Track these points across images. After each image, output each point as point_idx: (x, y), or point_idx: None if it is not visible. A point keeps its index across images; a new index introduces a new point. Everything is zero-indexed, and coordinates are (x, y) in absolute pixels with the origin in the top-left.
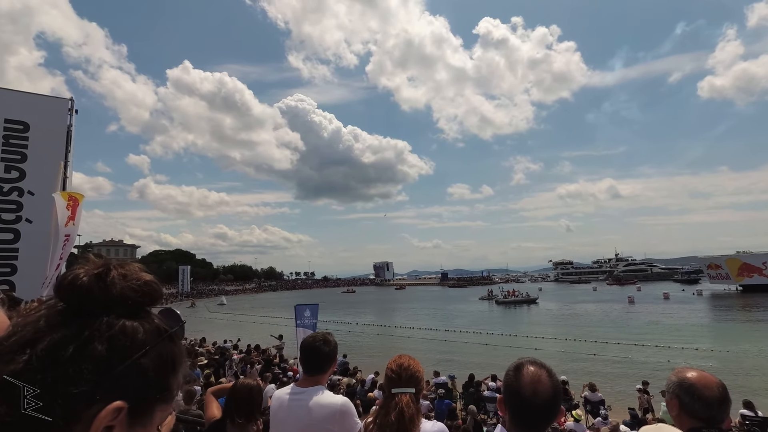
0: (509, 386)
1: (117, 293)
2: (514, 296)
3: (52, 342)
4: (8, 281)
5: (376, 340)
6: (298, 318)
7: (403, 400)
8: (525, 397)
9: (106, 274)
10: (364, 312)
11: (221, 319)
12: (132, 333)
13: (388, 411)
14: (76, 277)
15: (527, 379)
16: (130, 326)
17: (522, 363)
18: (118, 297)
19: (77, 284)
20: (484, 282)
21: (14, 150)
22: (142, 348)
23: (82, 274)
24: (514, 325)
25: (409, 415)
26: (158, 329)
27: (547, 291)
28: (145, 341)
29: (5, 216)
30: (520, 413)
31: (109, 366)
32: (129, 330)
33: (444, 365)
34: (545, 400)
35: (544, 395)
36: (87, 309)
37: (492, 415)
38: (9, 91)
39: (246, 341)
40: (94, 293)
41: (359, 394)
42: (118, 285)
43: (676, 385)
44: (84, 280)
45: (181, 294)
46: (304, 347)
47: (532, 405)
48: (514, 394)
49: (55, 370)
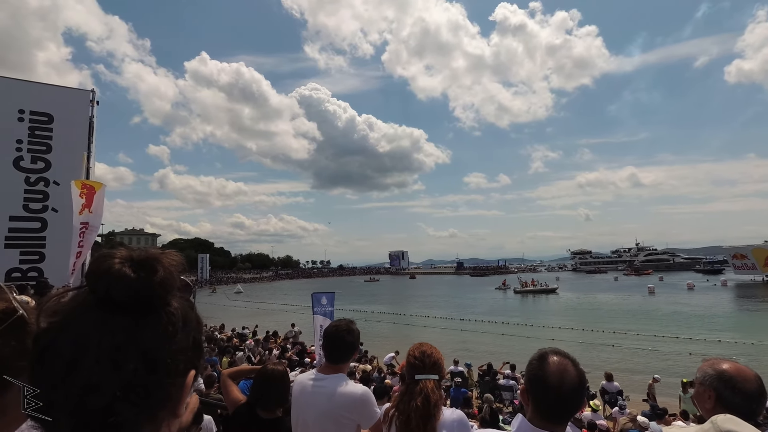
0: (534, 376)
1: (162, 280)
2: (533, 286)
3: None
4: (37, 268)
5: (392, 329)
6: (315, 306)
7: (428, 386)
8: (551, 386)
9: (148, 265)
10: (379, 300)
11: (239, 307)
12: (192, 311)
13: (412, 396)
14: (128, 274)
15: (553, 368)
16: (188, 305)
17: (546, 353)
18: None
19: (148, 277)
20: (500, 271)
21: (40, 141)
22: (200, 323)
23: (127, 271)
24: (531, 315)
25: (434, 401)
26: (190, 303)
27: (565, 280)
28: (198, 316)
29: (33, 205)
30: (545, 403)
31: (196, 341)
32: (189, 309)
33: (460, 354)
34: (572, 389)
35: (570, 384)
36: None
37: (508, 404)
38: (33, 84)
39: (264, 328)
40: (151, 283)
41: (375, 381)
42: (160, 272)
43: (714, 378)
44: (133, 275)
45: (201, 281)
46: (327, 336)
47: (558, 394)
48: (540, 383)
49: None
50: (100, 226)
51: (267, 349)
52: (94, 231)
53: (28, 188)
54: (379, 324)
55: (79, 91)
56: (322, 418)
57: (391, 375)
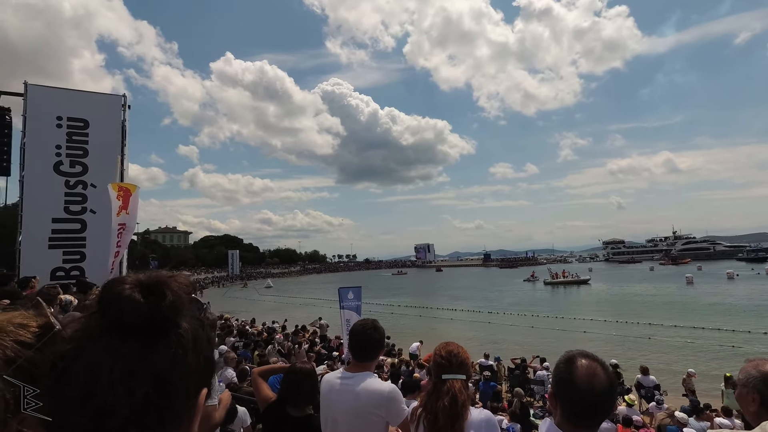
0: (561, 379)
1: (171, 304)
2: (564, 277)
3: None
4: (79, 267)
5: (418, 322)
6: (342, 300)
7: (455, 386)
8: (580, 390)
9: (157, 290)
10: (406, 293)
11: (269, 301)
12: (202, 330)
13: (439, 396)
14: (140, 301)
15: (582, 371)
16: (199, 324)
17: (573, 355)
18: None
19: (157, 304)
20: (529, 263)
21: (77, 146)
22: (212, 340)
23: (136, 296)
24: (562, 307)
25: (462, 400)
26: (200, 321)
27: (597, 271)
28: (209, 334)
29: (73, 207)
30: (573, 408)
31: (207, 360)
32: (200, 329)
33: (489, 348)
34: (601, 393)
35: (600, 388)
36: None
37: (539, 398)
38: (68, 91)
39: (293, 322)
40: (160, 309)
41: (404, 374)
42: (168, 296)
43: (758, 380)
44: (140, 300)
45: (231, 277)
46: (354, 334)
47: (587, 399)
48: (568, 387)
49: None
50: (135, 226)
51: (296, 343)
52: (130, 231)
53: (68, 191)
54: (405, 317)
55: (112, 97)
56: (350, 416)
57: (419, 368)
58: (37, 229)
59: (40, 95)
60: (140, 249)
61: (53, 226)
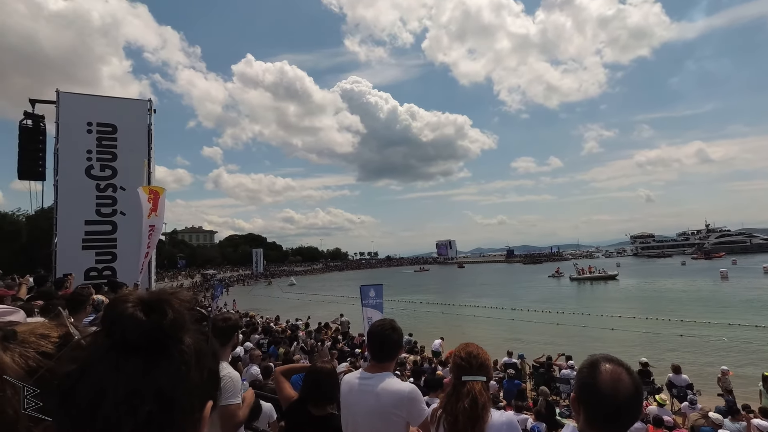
0: (585, 384)
1: (173, 321)
2: (590, 273)
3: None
4: (111, 267)
5: (441, 319)
6: (363, 298)
7: (475, 388)
8: (604, 395)
9: (159, 308)
10: (428, 290)
11: (292, 299)
12: (206, 344)
13: (459, 398)
14: (144, 321)
15: (606, 376)
16: (203, 338)
17: (597, 360)
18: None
19: (160, 323)
20: (553, 258)
21: (106, 150)
22: (216, 353)
23: (137, 314)
24: (589, 303)
25: (483, 403)
26: (204, 334)
27: (626, 266)
28: (213, 348)
29: (104, 210)
30: (597, 414)
31: (212, 373)
32: (203, 343)
33: (512, 345)
34: (626, 399)
35: (625, 394)
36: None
37: (564, 397)
38: (97, 97)
39: (315, 319)
40: (166, 327)
41: (426, 371)
42: (170, 314)
43: None
44: (142, 319)
45: (256, 275)
46: (372, 335)
47: (612, 405)
48: (591, 392)
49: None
50: (163, 226)
51: (319, 340)
52: (159, 232)
53: (99, 194)
54: (427, 314)
55: (138, 102)
56: (371, 417)
57: (442, 366)
58: (71, 231)
59: (72, 102)
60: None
61: (86, 228)
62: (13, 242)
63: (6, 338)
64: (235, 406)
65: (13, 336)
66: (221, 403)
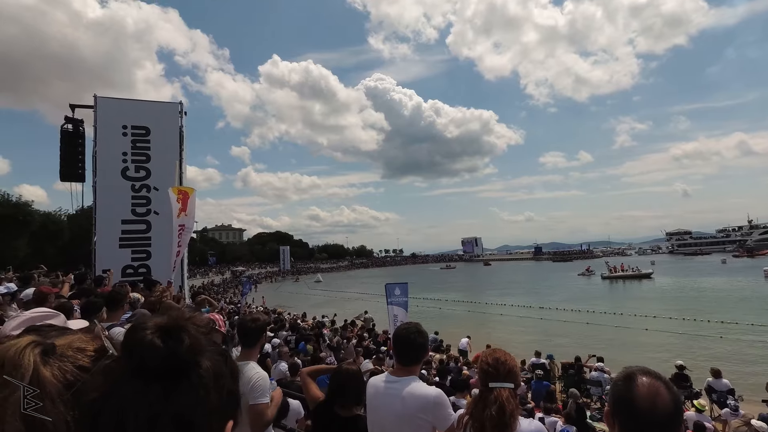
0: (619, 399)
1: (190, 347)
2: (623, 271)
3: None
4: (145, 265)
5: (467, 317)
6: (389, 296)
7: (503, 395)
8: (641, 411)
9: (175, 334)
10: (454, 288)
11: (319, 296)
12: (225, 364)
13: (486, 405)
14: (162, 347)
15: (643, 391)
16: (221, 359)
17: (632, 373)
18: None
19: (174, 349)
20: (583, 256)
21: (140, 152)
22: (236, 372)
23: (155, 340)
24: (621, 302)
25: (510, 411)
26: (224, 355)
27: (661, 264)
28: (232, 367)
29: (139, 210)
30: (634, 429)
31: (231, 393)
32: (222, 364)
33: (541, 345)
34: (666, 415)
35: (664, 410)
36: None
37: (596, 400)
38: (132, 101)
39: (341, 316)
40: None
41: (452, 371)
42: (186, 340)
43: None
44: (160, 345)
45: (283, 272)
46: (397, 338)
47: (650, 421)
48: (627, 407)
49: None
50: (193, 225)
51: (345, 337)
52: (189, 231)
53: (134, 194)
54: (453, 312)
55: (170, 104)
56: (397, 421)
57: (467, 366)
58: (108, 230)
59: (108, 106)
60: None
61: (122, 227)
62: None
63: (46, 353)
64: (264, 405)
65: (52, 350)
66: (250, 403)
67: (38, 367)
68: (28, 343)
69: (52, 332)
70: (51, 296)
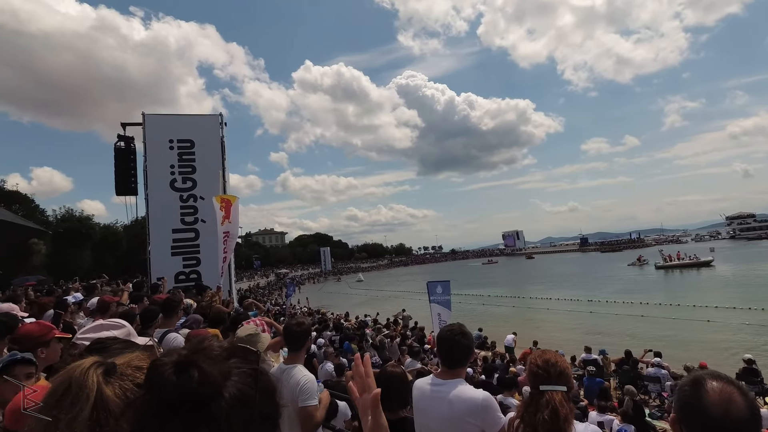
0: (688, 405)
1: (201, 380)
2: (679, 259)
3: None
4: (196, 271)
5: (512, 313)
6: (430, 294)
7: (555, 398)
8: (712, 418)
9: (185, 369)
10: (496, 284)
11: (360, 295)
12: (252, 388)
13: (538, 408)
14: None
15: (715, 397)
16: (248, 382)
17: (701, 377)
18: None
19: (197, 381)
20: (634, 245)
21: (186, 164)
22: (269, 391)
23: (196, 377)
24: (678, 293)
25: (564, 415)
26: (254, 376)
27: (721, 251)
28: (266, 386)
29: (187, 219)
30: None
31: (264, 415)
32: (249, 388)
33: (591, 340)
34: (741, 422)
35: (739, 418)
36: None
37: (654, 397)
38: (176, 116)
39: (383, 315)
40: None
41: (498, 368)
42: (195, 375)
43: None
44: (189, 380)
45: (324, 272)
46: (441, 341)
47: (724, 430)
48: (697, 414)
49: None
50: (238, 231)
51: (388, 336)
52: (234, 237)
53: (183, 204)
54: (498, 308)
55: (211, 117)
56: (445, 424)
57: (513, 363)
58: (161, 239)
59: (155, 122)
60: (244, 251)
61: (173, 236)
62: (115, 250)
63: (107, 373)
64: (313, 407)
65: (113, 370)
66: (299, 405)
67: (101, 386)
68: (92, 364)
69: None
70: (113, 305)
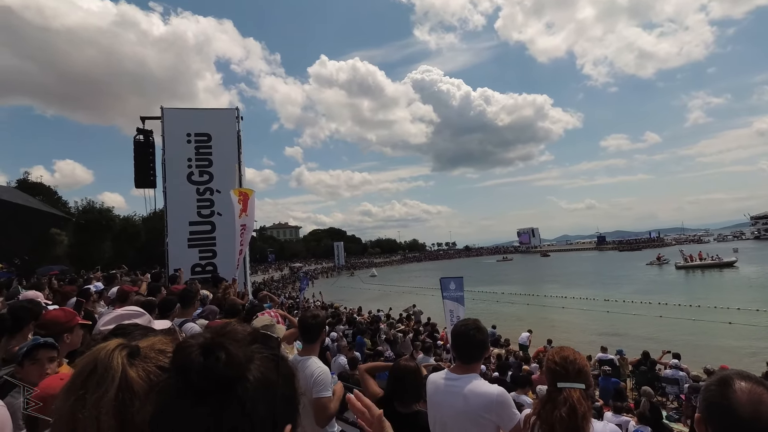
0: (714, 405)
1: (228, 362)
2: (701, 259)
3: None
4: (212, 263)
5: (526, 310)
6: (444, 290)
7: (573, 396)
8: (741, 419)
9: (213, 351)
10: (510, 281)
11: (373, 289)
12: (275, 372)
13: (555, 406)
14: (215, 366)
15: (743, 398)
16: (271, 365)
17: (729, 376)
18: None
19: (226, 364)
20: (653, 244)
21: (203, 157)
22: (291, 376)
23: (222, 360)
24: (699, 294)
25: (582, 413)
26: (276, 359)
27: (746, 252)
28: (287, 371)
29: (203, 211)
30: None
31: (286, 398)
32: (272, 372)
33: (607, 340)
34: None
35: None
36: None
37: (672, 399)
38: (194, 110)
39: (396, 310)
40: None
41: (512, 366)
42: (222, 357)
43: None
44: (217, 364)
45: (338, 267)
46: (456, 336)
47: (753, 431)
48: (724, 414)
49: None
50: (254, 225)
51: (401, 331)
52: (250, 230)
53: (199, 197)
54: (511, 306)
55: (228, 111)
56: (460, 419)
57: (526, 361)
58: (178, 231)
59: (173, 116)
60: (259, 245)
61: (190, 228)
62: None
63: (132, 355)
64: (327, 398)
65: (137, 352)
66: (313, 397)
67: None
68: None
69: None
70: (132, 294)
